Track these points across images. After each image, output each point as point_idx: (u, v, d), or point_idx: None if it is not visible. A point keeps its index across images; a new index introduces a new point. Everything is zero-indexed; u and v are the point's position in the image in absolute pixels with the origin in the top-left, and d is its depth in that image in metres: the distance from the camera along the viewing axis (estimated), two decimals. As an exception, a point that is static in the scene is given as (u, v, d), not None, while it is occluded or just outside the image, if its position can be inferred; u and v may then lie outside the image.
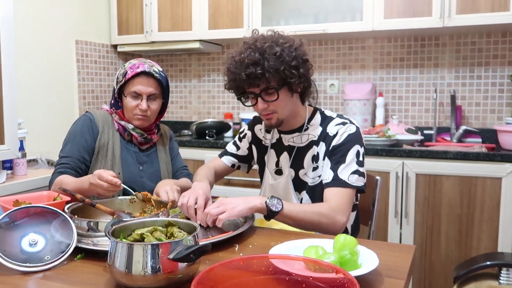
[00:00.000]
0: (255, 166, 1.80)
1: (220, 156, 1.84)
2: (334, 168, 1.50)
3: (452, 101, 2.84)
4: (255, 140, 1.77)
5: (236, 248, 1.22)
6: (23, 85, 2.69)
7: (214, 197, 1.56)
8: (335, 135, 1.54)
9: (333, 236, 1.18)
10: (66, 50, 3.07)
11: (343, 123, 1.56)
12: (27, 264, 1.06)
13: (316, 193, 1.57)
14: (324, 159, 1.55)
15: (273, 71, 1.42)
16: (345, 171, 1.48)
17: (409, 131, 2.89)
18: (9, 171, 2.29)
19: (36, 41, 2.83)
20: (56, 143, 1.77)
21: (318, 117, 1.61)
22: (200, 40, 3.19)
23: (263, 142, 1.73)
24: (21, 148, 2.29)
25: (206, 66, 3.64)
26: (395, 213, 2.53)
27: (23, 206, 1.17)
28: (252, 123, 1.80)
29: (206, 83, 3.65)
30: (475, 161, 2.38)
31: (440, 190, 2.45)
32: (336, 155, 1.51)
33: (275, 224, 1.57)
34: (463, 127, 2.78)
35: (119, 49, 3.45)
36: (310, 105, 1.65)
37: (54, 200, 1.34)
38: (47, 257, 1.09)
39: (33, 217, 1.14)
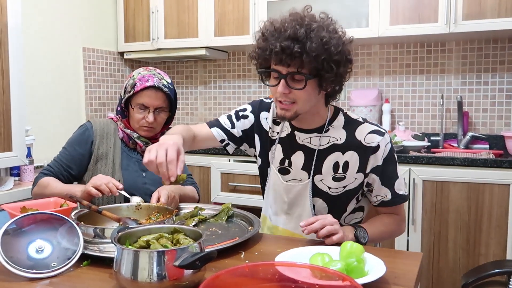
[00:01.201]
0: (247, 157, 1.70)
1: (210, 126, 1.56)
2: (390, 185, 1.44)
3: (459, 107, 2.82)
4: (259, 129, 1.55)
5: (242, 255, 1.21)
6: (30, 92, 2.71)
7: (218, 203, 1.55)
8: (376, 148, 1.40)
9: (339, 243, 1.17)
10: (74, 57, 3.10)
11: (379, 132, 1.41)
12: (34, 271, 1.06)
13: (338, 202, 1.47)
14: (359, 172, 1.42)
15: (313, 56, 1.23)
16: (401, 186, 1.46)
17: (415, 137, 2.88)
18: (17, 178, 2.30)
19: (43, 49, 2.85)
20: (63, 149, 1.80)
21: (341, 118, 1.45)
22: (206, 47, 3.20)
23: (270, 134, 1.53)
24: (29, 155, 2.31)
25: (212, 73, 3.65)
26: (402, 220, 2.51)
27: (30, 212, 1.18)
28: (257, 108, 1.57)
29: (212, 89, 3.66)
30: (482, 167, 2.36)
31: (447, 196, 2.44)
32: (387, 171, 1.43)
33: (282, 231, 1.56)
34: (470, 134, 2.77)
35: (125, 56, 3.47)
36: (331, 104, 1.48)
37: (60, 207, 1.35)
38: (54, 264, 1.09)
39: (40, 224, 1.14)
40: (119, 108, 1.81)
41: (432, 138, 2.94)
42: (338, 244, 1.19)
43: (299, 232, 1.42)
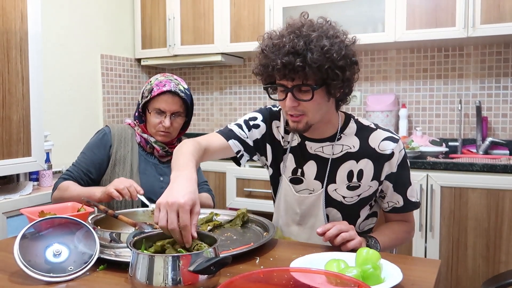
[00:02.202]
0: (254, 164, 1.66)
1: (226, 137, 1.46)
2: (402, 192, 1.42)
3: (477, 112, 2.78)
4: (271, 138, 1.51)
5: (257, 261, 1.21)
6: (49, 98, 2.76)
7: (233, 209, 1.54)
8: (390, 156, 1.38)
9: (355, 249, 1.16)
10: (92, 64, 3.14)
11: (393, 139, 1.39)
12: (51, 274, 1.07)
13: (352, 210, 1.44)
14: (374, 179, 1.40)
15: (316, 67, 1.21)
16: (413, 192, 1.44)
17: (433, 142, 2.84)
18: (35, 183, 2.34)
19: (62, 56, 2.90)
20: (81, 155, 1.82)
21: (353, 125, 1.43)
22: (222, 53, 3.22)
23: (282, 144, 1.49)
24: (47, 160, 2.34)
25: (228, 79, 3.66)
26: (419, 226, 2.47)
27: (48, 217, 1.19)
28: (268, 117, 1.52)
29: (227, 95, 3.67)
30: (502, 173, 2.32)
31: (466, 203, 2.40)
32: (401, 178, 1.41)
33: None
34: (489, 139, 2.73)
35: (142, 62, 3.51)
36: (341, 110, 1.46)
37: (78, 212, 1.37)
38: (71, 268, 1.10)
39: (58, 228, 1.16)
40: (136, 114, 1.83)
41: (450, 143, 2.90)
42: (354, 250, 1.18)
43: (312, 242, 1.41)
